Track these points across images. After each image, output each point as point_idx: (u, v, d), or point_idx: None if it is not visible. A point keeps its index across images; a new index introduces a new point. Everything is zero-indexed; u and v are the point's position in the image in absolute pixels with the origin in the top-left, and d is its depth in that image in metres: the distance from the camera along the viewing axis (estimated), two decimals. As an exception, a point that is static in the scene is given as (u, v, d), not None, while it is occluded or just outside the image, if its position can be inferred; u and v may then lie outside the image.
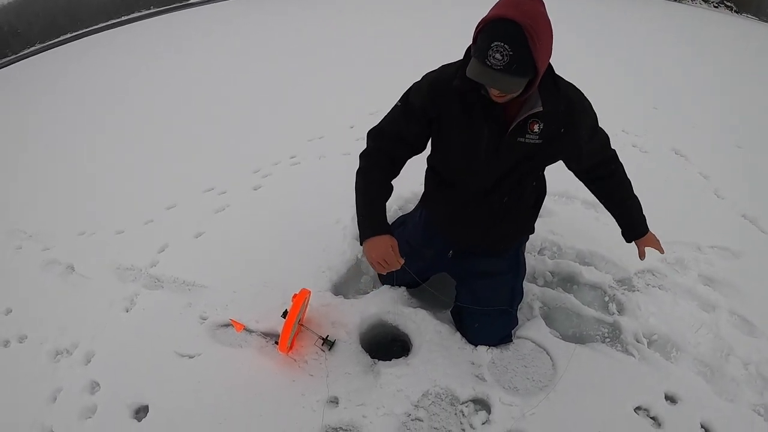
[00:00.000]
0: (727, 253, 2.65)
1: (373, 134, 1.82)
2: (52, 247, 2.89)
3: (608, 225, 2.72)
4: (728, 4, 12.98)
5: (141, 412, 1.97)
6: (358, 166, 1.84)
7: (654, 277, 2.50)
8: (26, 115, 4.75)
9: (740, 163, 3.50)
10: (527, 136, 1.60)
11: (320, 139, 3.75)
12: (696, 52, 5.43)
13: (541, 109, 1.52)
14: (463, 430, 1.86)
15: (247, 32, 6.49)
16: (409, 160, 1.86)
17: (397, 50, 5.75)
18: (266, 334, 2.19)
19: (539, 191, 1.97)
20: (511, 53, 1.28)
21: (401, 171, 1.86)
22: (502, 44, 1.28)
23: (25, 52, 6.68)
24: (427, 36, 6.06)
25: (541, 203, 2.01)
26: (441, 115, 1.65)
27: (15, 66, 6.25)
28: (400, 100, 1.75)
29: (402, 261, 1.75)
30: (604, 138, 1.83)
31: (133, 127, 4.34)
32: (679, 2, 12.26)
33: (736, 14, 12.30)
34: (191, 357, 2.12)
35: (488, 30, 1.31)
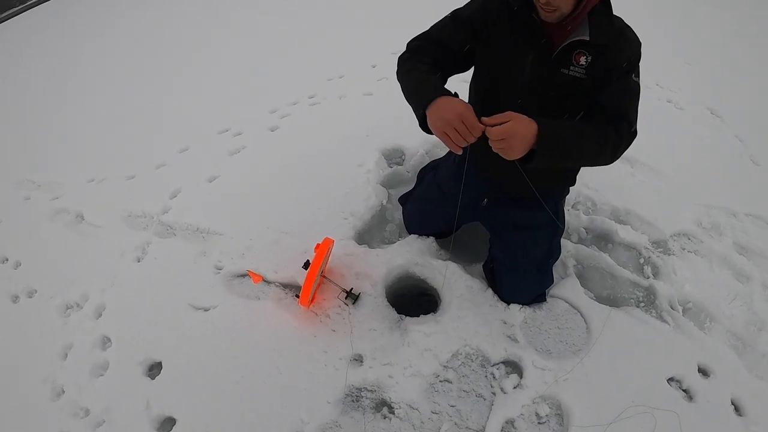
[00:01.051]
0: (762, 223, 2.50)
1: (416, 39, 1.63)
2: (60, 196, 2.66)
3: (644, 182, 2.58)
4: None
5: (154, 369, 1.83)
6: (398, 67, 1.59)
7: (689, 242, 2.34)
8: (30, 65, 4.42)
9: None
10: (572, 68, 1.46)
11: (340, 78, 3.42)
12: (733, 9, 5.02)
13: (587, 37, 1.40)
14: (494, 393, 1.74)
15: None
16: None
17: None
18: (285, 286, 2.02)
19: None
20: None
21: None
22: None
23: (32, 1, 6.25)
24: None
25: None
26: (489, 31, 1.53)
27: (21, 17, 5.86)
28: (449, 13, 1.61)
29: (483, 127, 1.34)
30: (631, 96, 1.49)
31: (143, 68, 3.97)
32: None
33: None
34: (206, 310, 1.95)
35: None
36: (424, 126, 1.44)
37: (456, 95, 1.41)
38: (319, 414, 1.64)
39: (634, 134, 1.50)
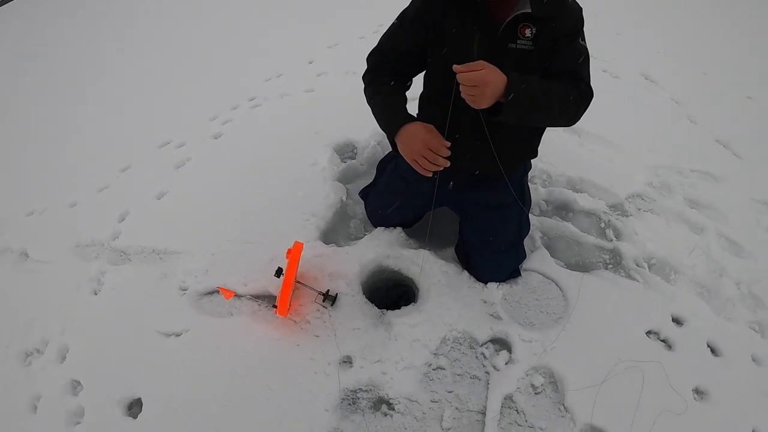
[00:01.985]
0: (708, 177, 2.76)
1: (372, 54, 1.80)
2: (0, 234, 2.53)
3: (593, 151, 2.78)
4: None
5: (134, 406, 1.77)
6: (364, 88, 1.76)
7: (644, 202, 2.54)
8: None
9: (708, 89, 3.63)
10: (519, 41, 1.56)
11: (279, 77, 3.45)
12: None
13: (529, 9, 1.48)
14: (487, 372, 1.82)
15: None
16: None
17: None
18: (257, 297, 2.01)
19: None
20: None
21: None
22: None
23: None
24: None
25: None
26: (435, 20, 1.63)
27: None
28: (396, 18, 1.74)
29: (448, 144, 1.56)
30: (581, 58, 1.59)
31: (69, 86, 3.85)
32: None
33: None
34: (178, 335, 1.91)
35: None
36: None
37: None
38: (319, 423, 1.65)
39: (592, 92, 1.60)
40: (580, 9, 1.59)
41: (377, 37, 1.78)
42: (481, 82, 1.35)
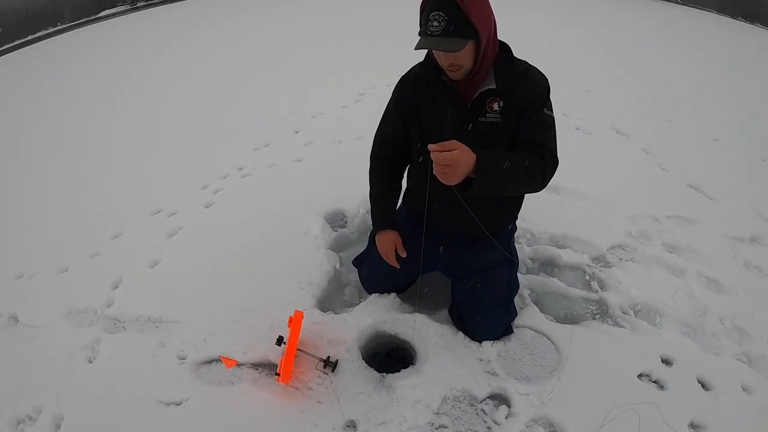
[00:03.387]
0: (683, 221, 3.07)
1: (373, 142, 2.20)
2: None
3: (573, 207, 3.06)
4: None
5: (136, 477, 1.87)
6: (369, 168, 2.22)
7: (624, 251, 2.80)
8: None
9: (674, 136, 4.05)
10: (488, 115, 1.82)
11: (266, 147, 3.78)
12: (616, 33, 6.07)
13: (494, 86, 1.75)
14: (489, 428, 1.97)
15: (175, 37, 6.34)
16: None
17: (333, 50, 6.01)
18: (257, 365, 2.15)
19: None
20: (446, 18, 1.56)
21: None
22: (437, 12, 1.57)
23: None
24: (367, 36, 6.31)
25: None
26: (410, 104, 1.94)
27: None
28: (385, 109, 2.11)
29: (398, 266, 2.15)
30: (546, 128, 1.82)
31: (58, 150, 4.09)
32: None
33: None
34: (178, 404, 2.02)
35: (426, 6, 1.61)
36: None
37: (392, 226, 2.13)
38: (326, 489, 1.76)
39: (557, 161, 1.85)
40: (545, 79, 1.84)
41: (359, 106, 2.08)
42: (454, 162, 1.55)
